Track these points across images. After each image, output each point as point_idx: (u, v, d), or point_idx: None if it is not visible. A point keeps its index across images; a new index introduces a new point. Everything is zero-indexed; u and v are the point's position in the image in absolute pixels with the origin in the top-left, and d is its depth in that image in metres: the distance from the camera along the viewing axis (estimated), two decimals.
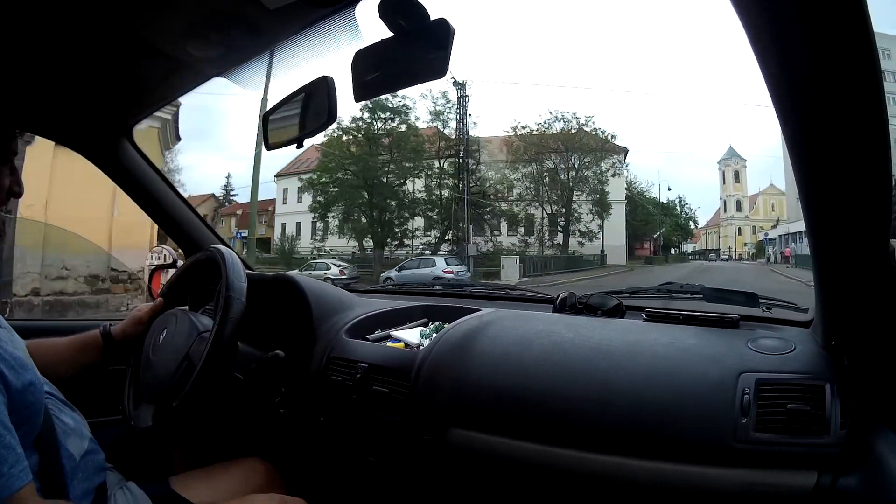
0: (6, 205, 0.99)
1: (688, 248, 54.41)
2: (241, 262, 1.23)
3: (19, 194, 0.99)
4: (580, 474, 0.90)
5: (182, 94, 1.32)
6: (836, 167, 0.64)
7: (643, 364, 0.96)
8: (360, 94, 0.85)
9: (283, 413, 1.31)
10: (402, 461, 1.14)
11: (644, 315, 1.22)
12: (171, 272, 1.47)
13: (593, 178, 29.78)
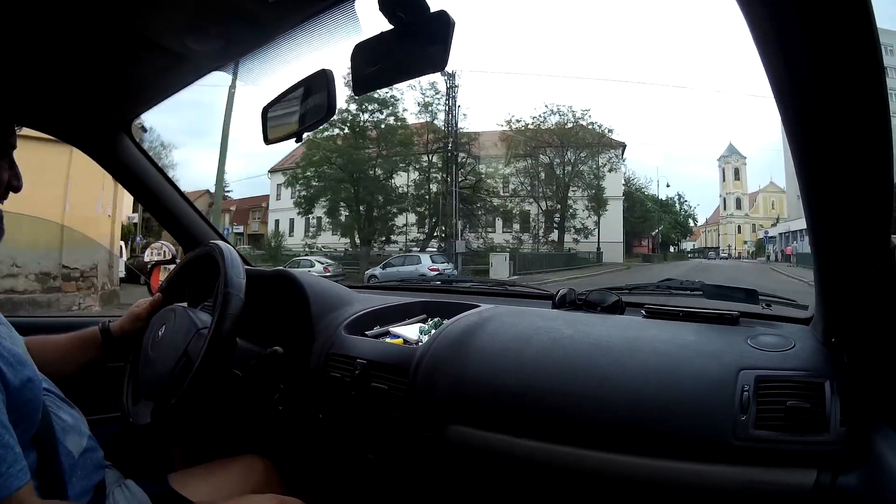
0: (5, 199, 0.98)
1: (687, 245, 54.37)
2: (241, 257, 1.23)
3: (18, 188, 0.99)
4: (579, 471, 0.90)
5: (181, 89, 1.30)
6: (838, 165, 0.63)
7: (642, 361, 0.96)
8: (359, 87, 0.84)
9: (282, 410, 1.31)
10: (401, 458, 1.14)
11: (643, 312, 1.21)
12: (171, 268, 1.47)
13: (589, 172, 29.15)
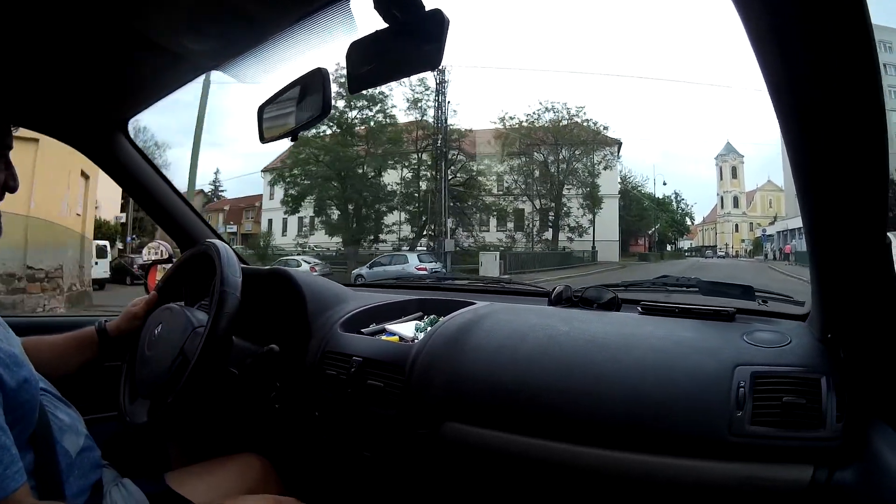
0: (2, 199, 0.98)
1: (684, 244, 54.36)
2: (237, 256, 1.23)
3: (14, 189, 0.99)
4: (575, 468, 0.90)
5: (178, 88, 1.30)
6: (834, 162, 0.64)
7: (638, 357, 0.96)
8: (354, 86, 0.84)
9: (279, 408, 1.31)
10: (398, 455, 1.14)
11: (640, 308, 1.21)
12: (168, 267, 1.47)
13: (584, 170, 28.89)
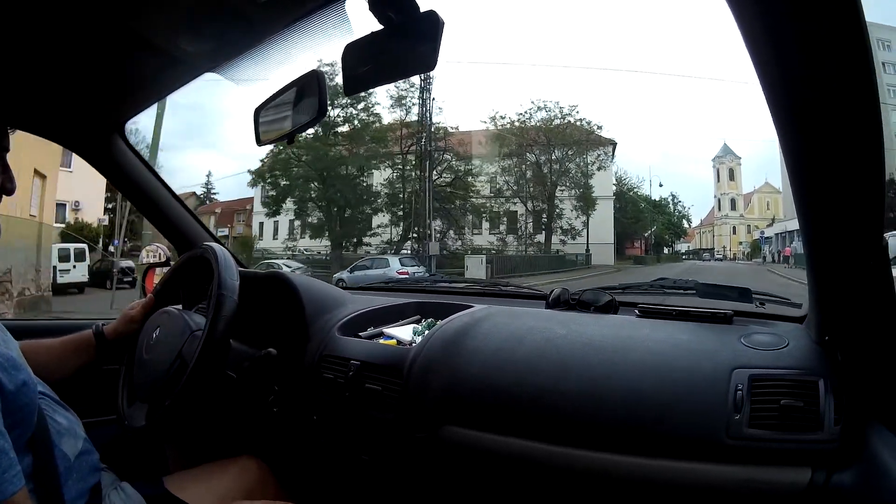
0: None
1: (681, 247, 54.33)
2: (234, 259, 1.23)
3: (11, 191, 0.98)
4: (573, 471, 0.90)
5: (174, 90, 1.30)
6: (830, 163, 0.63)
7: (636, 360, 0.96)
8: (350, 87, 0.84)
9: (277, 411, 1.30)
10: (396, 459, 1.14)
11: (637, 311, 1.21)
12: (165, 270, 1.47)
13: (576, 170, 28.40)
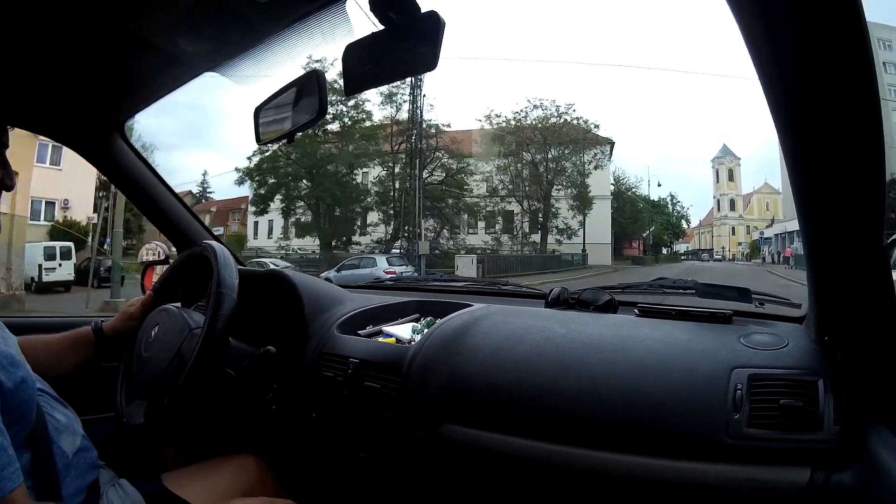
0: None
1: (680, 247, 54.12)
2: (234, 258, 1.23)
3: (10, 187, 0.99)
4: (572, 470, 0.90)
5: (174, 89, 1.30)
6: (831, 164, 0.64)
7: (635, 359, 0.96)
8: (351, 88, 0.84)
9: (276, 409, 1.30)
10: (394, 457, 1.14)
11: (636, 310, 1.21)
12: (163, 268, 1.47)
13: (572, 169, 27.90)
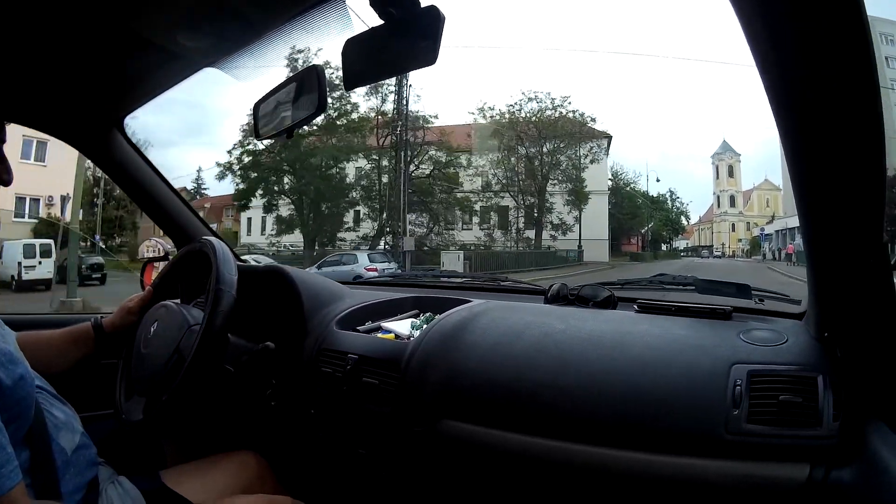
0: None
1: (680, 244, 53.85)
2: (233, 253, 1.22)
3: (8, 182, 0.99)
4: (571, 466, 0.90)
5: (173, 85, 1.30)
6: (831, 161, 0.63)
7: (635, 355, 0.96)
8: (350, 83, 0.84)
9: (275, 405, 1.30)
10: (393, 453, 1.14)
11: (636, 306, 1.21)
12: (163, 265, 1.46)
13: (567, 162, 27.25)
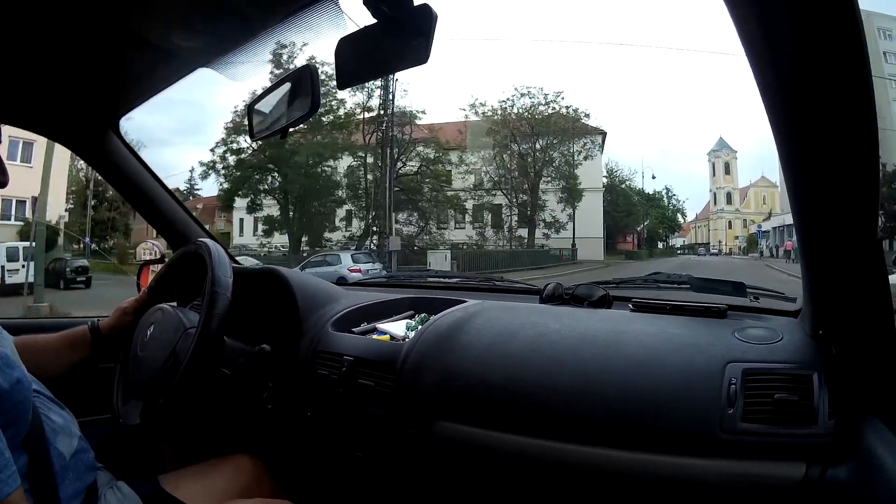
0: None
1: (676, 242, 53.62)
2: (228, 255, 1.22)
3: (4, 184, 0.98)
4: (567, 466, 0.90)
5: (168, 86, 1.30)
6: (825, 160, 0.63)
7: (629, 354, 0.96)
8: (343, 82, 0.84)
9: (271, 408, 1.30)
10: (389, 455, 1.13)
11: (631, 305, 1.21)
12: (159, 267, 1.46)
13: (560, 158, 26.53)
